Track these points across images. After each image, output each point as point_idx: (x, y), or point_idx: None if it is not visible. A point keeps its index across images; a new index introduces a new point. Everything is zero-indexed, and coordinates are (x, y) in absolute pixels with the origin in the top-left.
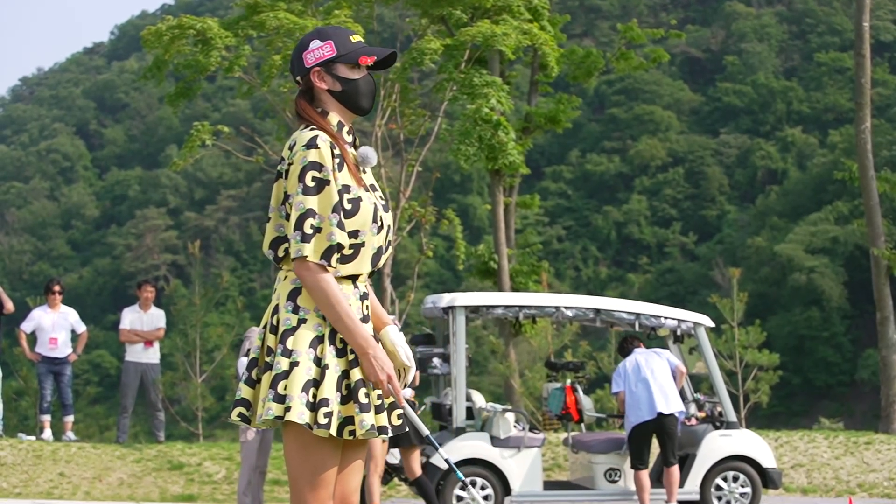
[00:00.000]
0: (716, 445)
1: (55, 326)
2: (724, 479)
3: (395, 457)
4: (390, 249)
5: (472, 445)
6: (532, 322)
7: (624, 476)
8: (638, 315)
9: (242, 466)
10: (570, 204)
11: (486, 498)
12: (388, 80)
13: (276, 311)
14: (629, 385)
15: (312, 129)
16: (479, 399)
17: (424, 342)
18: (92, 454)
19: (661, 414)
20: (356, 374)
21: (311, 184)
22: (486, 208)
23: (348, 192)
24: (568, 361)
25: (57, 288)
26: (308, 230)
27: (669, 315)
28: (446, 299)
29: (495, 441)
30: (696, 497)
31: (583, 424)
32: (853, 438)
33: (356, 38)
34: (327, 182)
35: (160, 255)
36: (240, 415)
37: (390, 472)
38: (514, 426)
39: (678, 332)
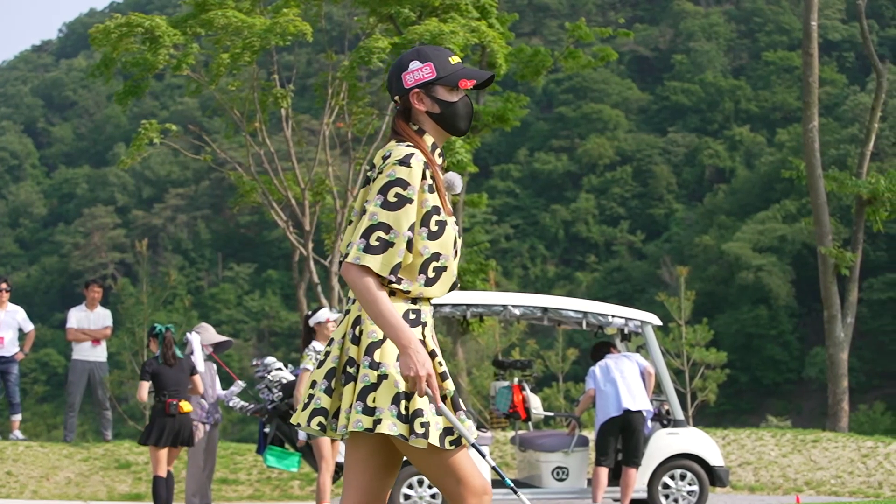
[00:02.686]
0: (663, 444)
1: (2, 325)
2: (672, 478)
3: (342, 455)
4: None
5: None
6: (479, 321)
7: (571, 474)
8: (585, 313)
9: (189, 468)
10: (518, 202)
11: (433, 496)
12: (335, 79)
13: (357, 321)
14: (598, 385)
15: (409, 146)
16: None
17: None
18: (39, 453)
19: (627, 410)
20: (448, 386)
21: (392, 199)
22: None
23: (438, 215)
24: (515, 360)
25: (4, 286)
26: (374, 242)
27: (617, 313)
28: None
29: None
30: (644, 495)
31: (530, 423)
32: (800, 436)
33: (455, 60)
34: (409, 201)
35: (108, 253)
36: (319, 424)
37: (339, 471)
38: None
39: (625, 331)
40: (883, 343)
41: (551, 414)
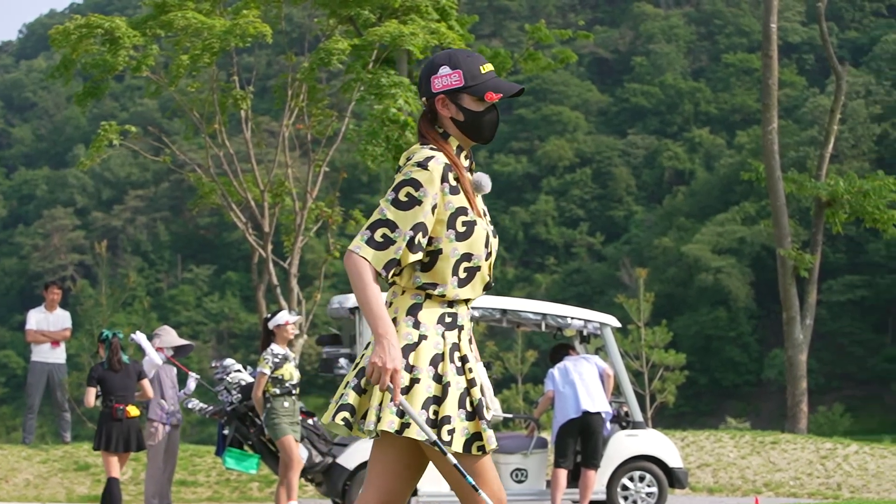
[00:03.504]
0: (622, 445)
1: None
2: (631, 479)
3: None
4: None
5: (369, 446)
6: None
7: (530, 476)
8: (544, 315)
9: (149, 469)
10: None
11: None
12: (295, 81)
13: (394, 323)
14: (557, 386)
15: (432, 149)
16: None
17: (330, 343)
18: None
19: (586, 412)
20: (477, 393)
21: (403, 199)
22: None
23: (465, 215)
24: None
25: None
26: (379, 238)
27: (576, 315)
28: (352, 299)
29: None
30: (603, 497)
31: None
32: (759, 438)
33: (486, 69)
34: (419, 203)
35: (67, 254)
36: (344, 419)
37: (301, 474)
38: None
39: (584, 333)
40: (842, 345)
41: (510, 416)
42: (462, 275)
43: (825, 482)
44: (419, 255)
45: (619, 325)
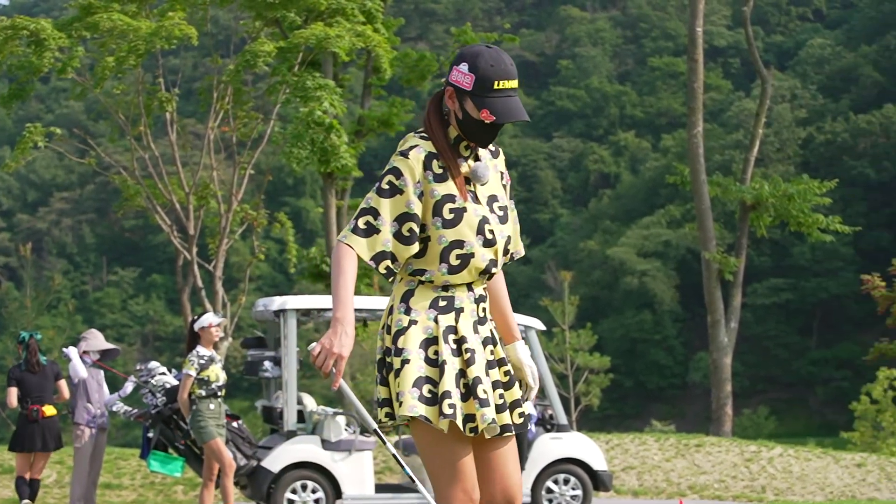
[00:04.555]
0: (546, 448)
1: None
2: (555, 482)
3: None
4: (507, 256)
5: (302, 449)
6: (363, 325)
7: None
8: None
9: (75, 472)
10: None
11: (316, 501)
12: (221, 83)
13: (390, 311)
14: None
15: (422, 137)
16: (310, 402)
17: (255, 345)
18: None
19: None
20: (472, 372)
21: (385, 187)
22: (318, 211)
23: (452, 202)
24: None
25: None
26: (362, 225)
27: None
28: (277, 302)
29: (326, 444)
30: (528, 500)
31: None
32: (684, 441)
33: (502, 85)
34: (400, 191)
35: None
36: (387, 414)
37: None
38: (346, 429)
39: None
40: (767, 348)
41: None
42: (454, 262)
43: (749, 485)
44: (414, 247)
45: (543, 327)
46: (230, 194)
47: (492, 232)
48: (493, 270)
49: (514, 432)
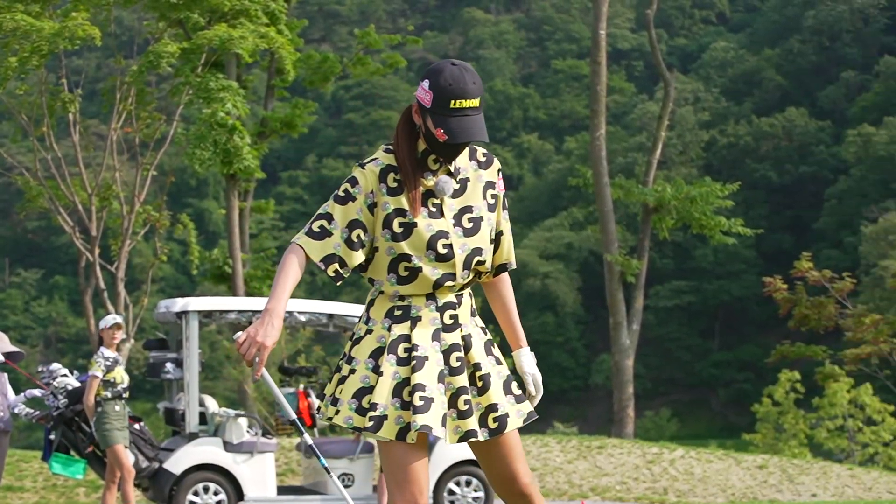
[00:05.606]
0: (448, 450)
1: None
2: (457, 484)
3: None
4: (470, 269)
5: (204, 451)
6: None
7: (356, 480)
8: None
9: None
10: (306, 209)
11: (218, 503)
12: (124, 84)
13: (359, 319)
14: None
15: (387, 150)
16: (212, 404)
17: (158, 347)
18: None
19: None
20: (415, 379)
21: (341, 193)
22: (221, 213)
23: (403, 217)
24: (301, 366)
25: None
26: (316, 228)
27: None
28: (179, 304)
29: (228, 446)
30: (430, 501)
31: (316, 429)
32: (586, 442)
33: (459, 104)
34: (352, 199)
35: None
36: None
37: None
38: (247, 431)
39: None
40: (669, 350)
41: None
42: (402, 273)
43: (652, 486)
44: (360, 254)
45: None
46: (133, 195)
47: (448, 246)
48: (450, 283)
49: (482, 438)
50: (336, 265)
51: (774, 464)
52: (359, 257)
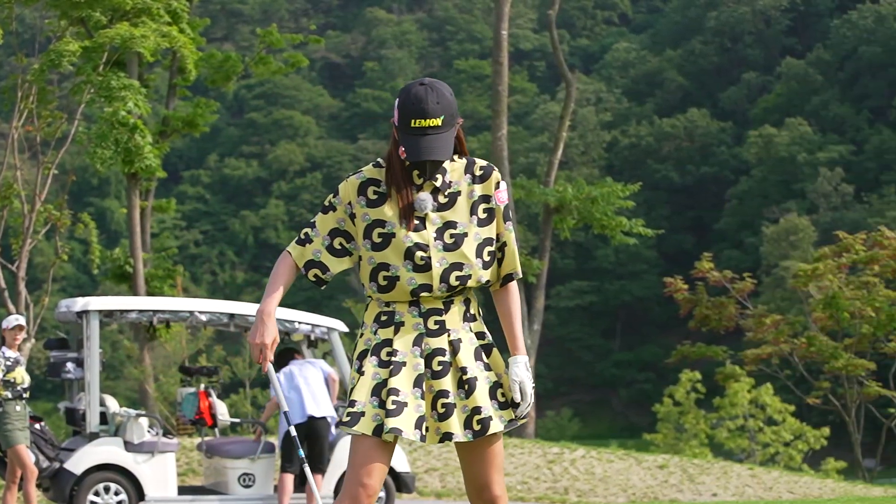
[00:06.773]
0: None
1: None
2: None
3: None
4: (448, 283)
5: (105, 451)
6: (166, 326)
7: (257, 480)
8: None
9: None
10: (208, 208)
11: (119, 503)
12: (25, 82)
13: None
14: (283, 392)
15: (375, 164)
16: (112, 404)
17: (58, 346)
18: None
19: (311, 417)
20: (391, 383)
21: (326, 203)
22: (122, 212)
23: (382, 227)
24: (202, 366)
25: None
26: (302, 236)
27: (303, 320)
28: (80, 303)
29: (129, 446)
30: (330, 502)
31: (216, 429)
32: None
33: (418, 124)
34: (333, 208)
35: None
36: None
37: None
38: (148, 431)
39: (312, 337)
40: (570, 350)
41: (238, 420)
42: (382, 282)
43: (552, 486)
44: (346, 260)
45: (347, 329)
46: (34, 194)
47: (426, 259)
48: (425, 294)
49: (464, 439)
50: (316, 270)
51: (675, 463)
52: (345, 263)
